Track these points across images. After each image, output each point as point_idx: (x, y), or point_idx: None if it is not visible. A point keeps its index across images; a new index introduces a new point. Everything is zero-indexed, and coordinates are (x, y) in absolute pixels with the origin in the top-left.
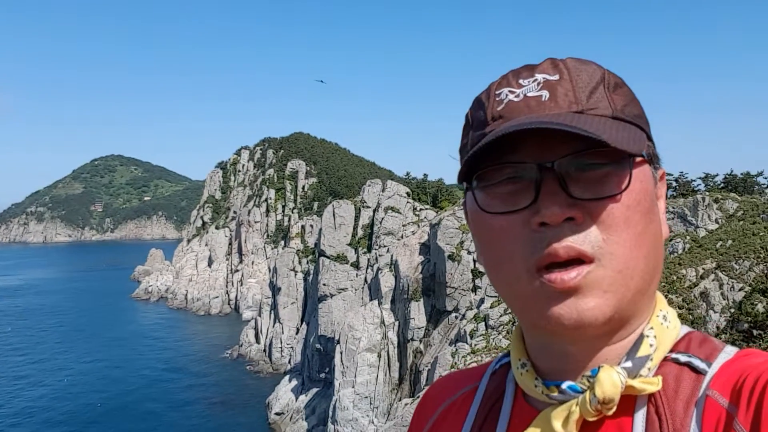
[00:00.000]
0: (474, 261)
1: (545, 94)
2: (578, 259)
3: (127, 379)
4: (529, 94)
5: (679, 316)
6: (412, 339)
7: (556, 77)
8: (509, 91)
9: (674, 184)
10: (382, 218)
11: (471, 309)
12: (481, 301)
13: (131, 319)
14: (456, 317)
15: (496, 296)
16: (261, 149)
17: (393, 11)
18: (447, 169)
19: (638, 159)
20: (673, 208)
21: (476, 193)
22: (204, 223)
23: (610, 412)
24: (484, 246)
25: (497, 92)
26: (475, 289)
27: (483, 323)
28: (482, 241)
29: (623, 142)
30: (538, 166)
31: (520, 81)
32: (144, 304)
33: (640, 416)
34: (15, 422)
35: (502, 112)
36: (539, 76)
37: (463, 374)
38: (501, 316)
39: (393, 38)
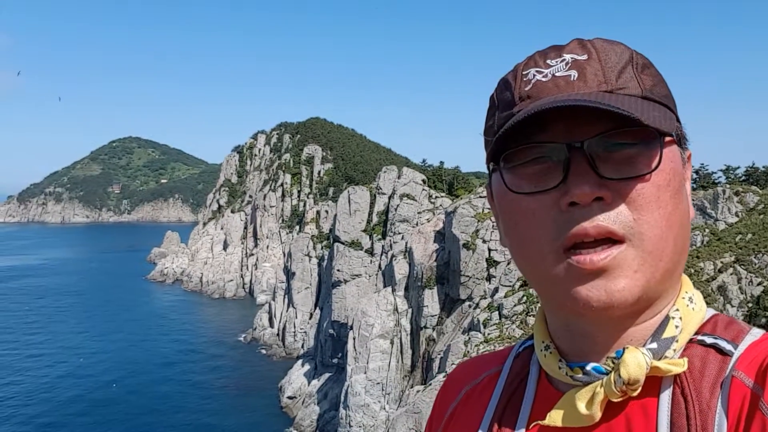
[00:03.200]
0: (489, 250)
1: (574, 73)
2: (607, 240)
3: (141, 361)
4: (557, 74)
5: None
6: (425, 327)
7: (585, 57)
8: (537, 71)
9: (694, 176)
10: (398, 205)
11: (485, 298)
12: (495, 290)
13: (147, 300)
14: (469, 306)
15: (510, 285)
16: (277, 134)
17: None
18: (463, 157)
19: (668, 139)
20: (693, 200)
21: (504, 174)
22: (220, 207)
23: (635, 393)
24: (509, 227)
25: (524, 72)
26: (489, 278)
27: (497, 312)
28: (508, 222)
29: (656, 121)
30: (567, 146)
31: (548, 61)
32: (159, 285)
33: (665, 397)
34: (30, 400)
35: (530, 92)
36: (567, 56)
37: (485, 358)
38: (515, 305)
39: (410, 26)
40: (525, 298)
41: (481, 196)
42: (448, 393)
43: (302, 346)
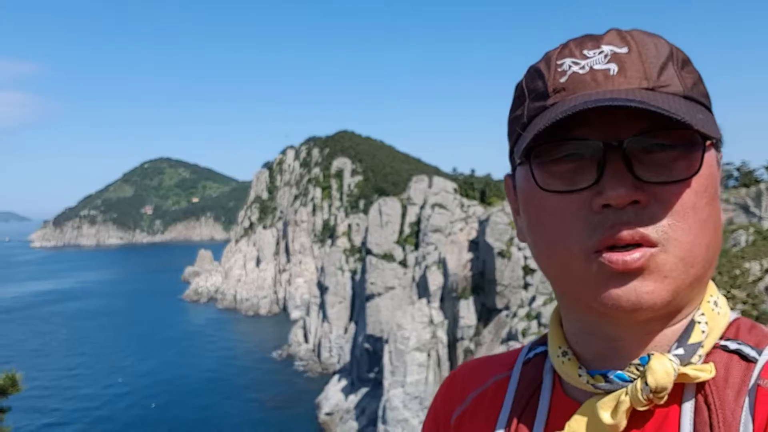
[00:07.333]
0: (525, 258)
1: (614, 67)
2: (640, 243)
3: (178, 379)
4: (595, 67)
5: (743, 312)
6: (462, 338)
7: (625, 50)
8: (573, 62)
9: (736, 173)
10: (429, 215)
11: (522, 307)
12: (533, 298)
13: (182, 320)
14: (507, 315)
15: (548, 293)
16: (306, 148)
17: (436, 9)
18: (495, 163)
19: (707, 142)
20: (735, 198)
21: (534, 170)
22: (251, 224)
23: (662, 401)
24: (534, 225)
25: (558, 62)
26: (526, 286)
27: (535, 321)
28: (534, 219)
29: (704, 125)
30: (603, 144)
31: (585, 52)
32: (194, 305)
33: (688, 406)
34: (72, 421)
35: (565, 85)
36: (606, 48)
37: (491, 360)
38: None
39: (436, 36)
40: None
41: None
42: (454, 393)
43: (338, 361)
